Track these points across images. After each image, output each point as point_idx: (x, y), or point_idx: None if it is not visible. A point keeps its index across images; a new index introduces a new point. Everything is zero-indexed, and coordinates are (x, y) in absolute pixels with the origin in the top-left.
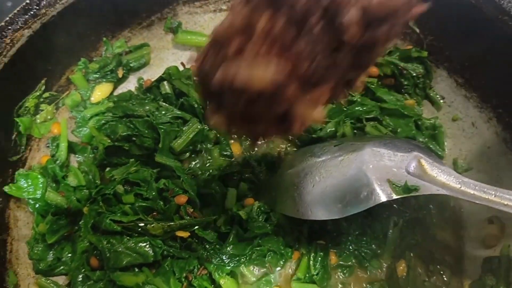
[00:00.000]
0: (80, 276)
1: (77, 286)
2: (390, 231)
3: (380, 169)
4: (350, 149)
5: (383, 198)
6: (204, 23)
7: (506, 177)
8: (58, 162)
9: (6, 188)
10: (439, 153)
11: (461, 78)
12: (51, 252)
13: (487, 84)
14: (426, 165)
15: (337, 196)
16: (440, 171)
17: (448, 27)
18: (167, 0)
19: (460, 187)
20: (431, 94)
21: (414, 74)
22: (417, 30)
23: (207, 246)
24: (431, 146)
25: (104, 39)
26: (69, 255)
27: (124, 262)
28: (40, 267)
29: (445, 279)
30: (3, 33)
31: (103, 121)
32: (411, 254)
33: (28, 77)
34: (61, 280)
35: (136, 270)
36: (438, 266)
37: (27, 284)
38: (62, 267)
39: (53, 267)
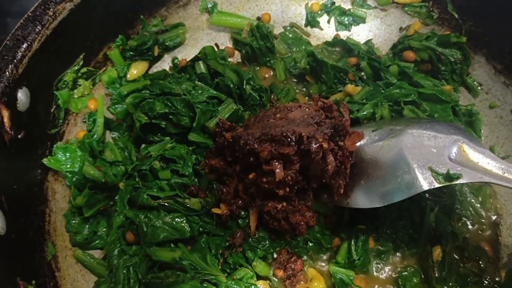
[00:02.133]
0: (116, 250)
1: (113, 260)
2: (427, 215)
3: (421, 156)
4: (389, 135)
5: (425, 187)
6: (239, 4)
7: None
8: (95, 137)
9: (45, 161)
10: None
11: (500, 64)
12: (87, 225)
13: None
14: (467, 150)
15: (377, 184)
16: (482, 156)
17: (488, 12)
18: None
19: (504, 174)
20: (469, 81)
21: (452, 60)
22: (456, 15)
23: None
24: None
25: (142, 16)
26: (105, 229)
27: (161, 237)
28: (77, 240)
29: (481, 265)
30: (46, 5)
31: (140, 98)
32: (448, 239)
33: (68, 51)
34: (97, 254)
35: (172, 246)
36: (474, 253)
37: (65, 256)
38: (97, 241)
39: (89, 240)
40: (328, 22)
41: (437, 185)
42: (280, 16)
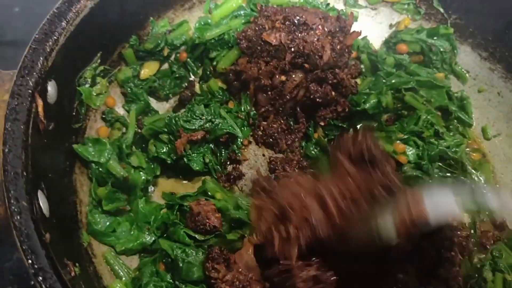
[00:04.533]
0: (150, 270)
1: (144, 277)
2: None
3: None
4: None
5: None
6: None
7: None
8: (126, 141)
9: (75, 146)
10: (469, 121)
11: (484, 52)
12: (107, 221)
13: (510, 55)
14: None
15: None
16: None
17: (470, 6)
18: None
19: None
20: (457, 69)
21: (442, 50)
22: (442, 10)
23: None
24: (460, 115)
25: (151, 18)
26: (124, 232)
27: (196, 276)
28: (94, 228)
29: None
30: (70, 2)
31: None
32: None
33: (88, 48)
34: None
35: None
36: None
37: (98, 244)
38: (113, 238)
39: (105, 234)
40: None
41: None
42: None
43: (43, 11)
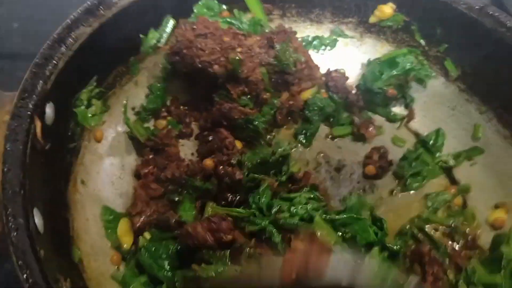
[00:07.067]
0: None
1: None
2: None
3: None
4: None
5: None
6: None
7: (509, 169)
8: None
9: None
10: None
11: (463, 84)
12: None
13: (485, 88)
14: None
15: None
16: None
17: (452, 39)
18: None
19: None
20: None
21: None
22: (423, 43)
23: None
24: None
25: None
26: None
27: None
28: None
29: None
30: (69, 28)
31: None
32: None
33: (85, 72)
34: None
35: None
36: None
37: (89, 261)
38: None
39: None
40: None
41: None
42: None
43: (41, 27)
